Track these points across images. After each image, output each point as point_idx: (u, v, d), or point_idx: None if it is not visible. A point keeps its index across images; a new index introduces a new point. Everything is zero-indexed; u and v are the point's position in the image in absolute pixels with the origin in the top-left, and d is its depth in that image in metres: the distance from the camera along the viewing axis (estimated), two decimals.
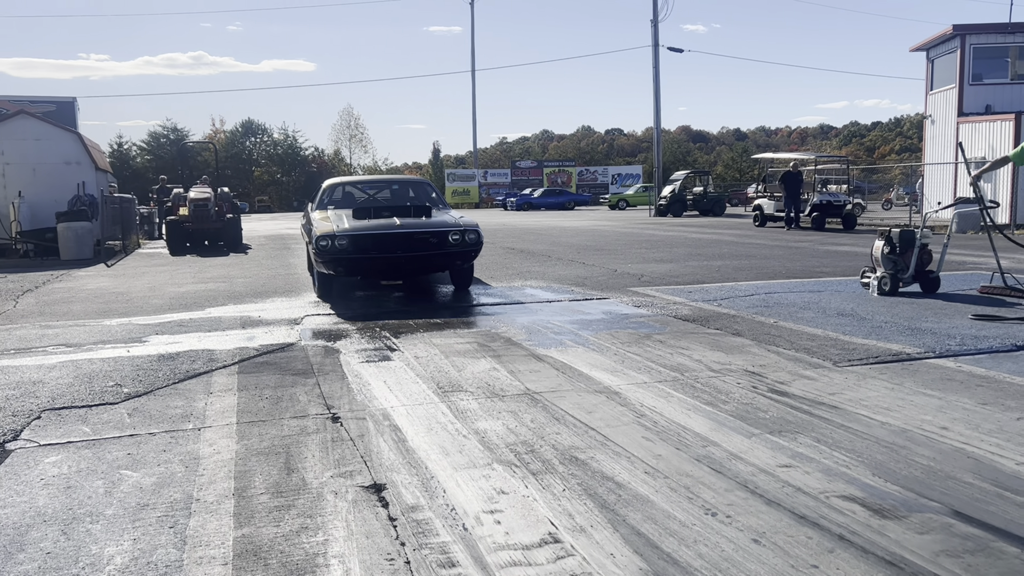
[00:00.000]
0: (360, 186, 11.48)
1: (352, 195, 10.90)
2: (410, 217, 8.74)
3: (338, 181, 11.30)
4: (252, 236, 21.66)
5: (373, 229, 8.35)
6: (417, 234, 8.45)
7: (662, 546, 2.76)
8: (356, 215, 8.73)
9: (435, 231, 8.55)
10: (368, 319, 7.60)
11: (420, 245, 8.46)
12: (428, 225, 8.67)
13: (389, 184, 11.88)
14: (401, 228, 8.40)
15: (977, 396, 4.50)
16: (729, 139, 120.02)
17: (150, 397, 4.87)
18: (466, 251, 8.72)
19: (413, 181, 12.23)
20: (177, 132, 68.16)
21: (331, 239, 8.13)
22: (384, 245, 8.31)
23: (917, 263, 8.55)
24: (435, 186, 11.72)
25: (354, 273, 8.69)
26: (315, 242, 8.18)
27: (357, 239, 8.21)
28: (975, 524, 2.87)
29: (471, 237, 8.65)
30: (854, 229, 20.85)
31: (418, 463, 3.64)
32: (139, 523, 3.03)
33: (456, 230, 8.58)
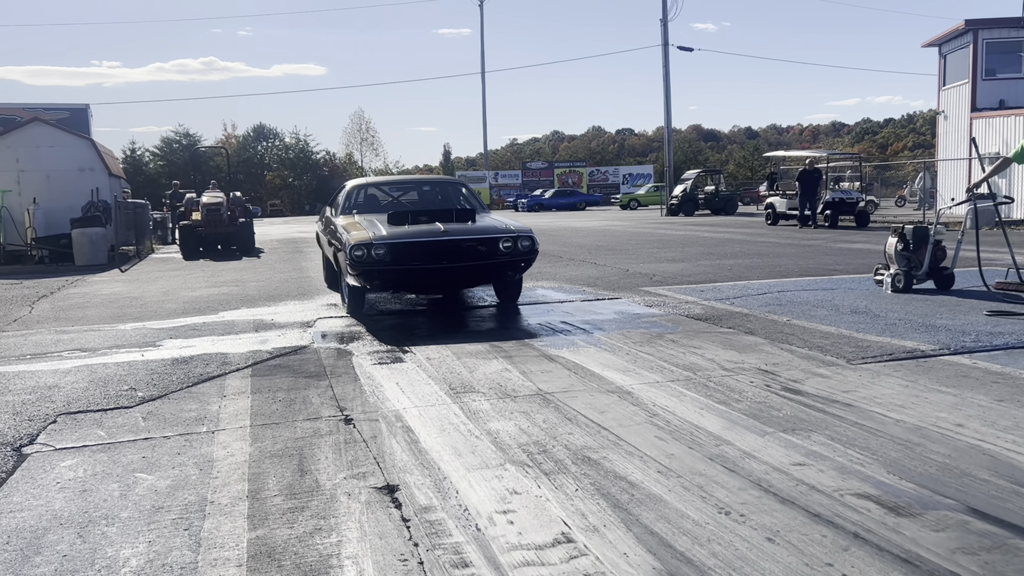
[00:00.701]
0: (388, 188, 10.34)
1: (379, 198, 9.79)
2: (453, 222, 7.67)
3: (363, 182, 10.10)
4: (264, 240, 21.75)
5: (415, 237, 7.35)
6: (464, 242, 7.44)
7: (676, 545, 2.75)
8: (392, 221, 7.66)
9: (484, 238, 7.53)
10: (379, 320, 7.62)
11: (467, 254, 7.46)
12: (476, 231, 7.61)
13: (419, 185, 10.84)
14: (446, 235, 7.37)
15: (993, 393, 4.46)
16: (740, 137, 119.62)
17: (164, 401, 4.90)
18: (518, 260, 7.65)
19: (446, 181, 11.04)
20: (189, 137, 68.55)
21: (367, 248, 7.11)
22: (428, 255, 7.33)
23: (931, 260, 8.49)
24: (470, 187, 10.37)
25: (391, 287, 7.79)
26: (349, 252, 7.14)
27: (397, 248, 7.21)
28: (991, 521, 2.85)
29: (524, 244, 7.59)
30: (867, 226, 20.74)
31: (431, 464, 3.65)
32: (154, 525, 3.05)
33: (507, 236, 7.55)
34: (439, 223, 7.58)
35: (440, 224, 7.55)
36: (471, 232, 7.59)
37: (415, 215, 7.77)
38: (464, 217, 7.89)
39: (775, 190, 24.03)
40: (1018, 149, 7.97)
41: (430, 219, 7.69)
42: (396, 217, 7.77)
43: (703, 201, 33.27)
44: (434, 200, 9.83)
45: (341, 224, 8.14)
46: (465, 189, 10.06)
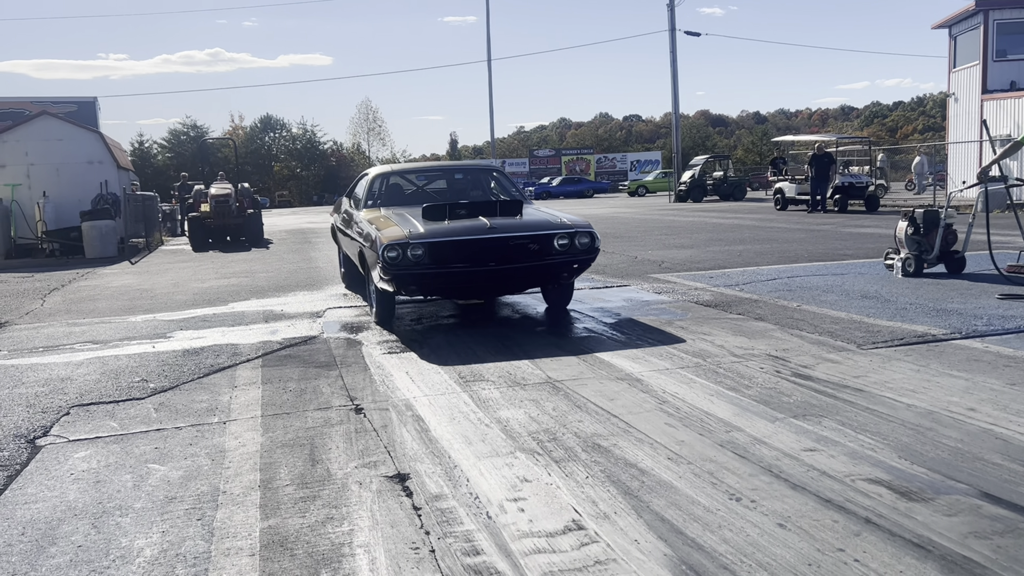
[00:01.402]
0: (415, 176, 9.12)
1: (405, 188, 8.62)
2: (499, 216, 6.69)
3: (387, 170, 8.73)
4: (273, 231, 21.80)
5: (458, 234, 6.31)
6: (514, 240, 6.37)
7: (686, 532, 2.76)
8: (428, 215, 6.58)
9: (536, 235, 6.47)
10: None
11: (517, 254, 6.39)
12: (526, 227, 6.59)
13: (450, 172, 9.52)
14: (493, 232, 6.31)
15: (1005, 376, 4.44)
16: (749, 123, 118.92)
17: (176, 392, 4.93)
18: (576, 261, 6.60)
19: (480, 168, 9.64)
20: (197, 129, 68.68)
21: (402, 248, 6.09)
22: (473, 255, 6.29)
23: (942, 243, 8.44)
24: (507, 173, 9.19)
25: (429, 292, 6.71)
26: (381, 253, 6.11)
27: (438, 248, 6.21)
28: (1004, 505, 2.84)
29: (583, 242, 6.56)
30: (877, 210, 20.62)
31: (441, 452, 3.66)
32: (167, 516, 3.07)
33: (563, 232, 6.51)
34: (483, 217, 6.56)
35: (484, 219, 6.53)
36: (521, 228, 6.56)
37: (454, 208, 6.67)
38: (511, 210, 6.92)
39: (783, 175, 23.89)
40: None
41: (471, 213, 6.67)
42: (432, 211, 6.63)
43: (711, 187, 33.13)
44: (468, 190, 8.67)
45: (366, 219, 7.18)
46: (501, 176, 8.94)
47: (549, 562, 2.60)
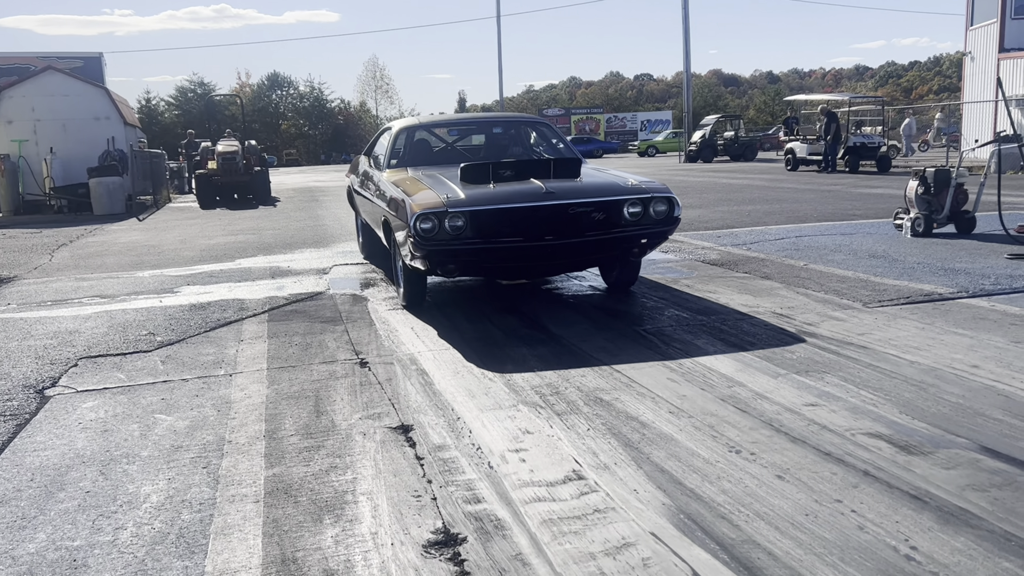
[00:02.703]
0: (446, 130, 7.75)
1: (436, 144, 7.37)
2: (553, 178, 5.45)
3: (413, 123, 7.34)
4: (280, 189, 21.76)
5: (508, 200, 5.13)
6: (575, 207, 5.15)
7: (685, 482, 2.78)
8: (468, 177, 5.41)
9: (603, 201, 5.24)
10: (384, 255, 7.63)
11: (579, 225, 5.18)
12: (591, 191, 5.36)
13: (488, 125, 7.94)
14: (551, 198, 5.12)
15: (1010, 335, 4.43)
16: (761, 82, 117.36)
17: (182, 345, 4.96)
18: (649, 233, 5.36)
19: (524, 120, 8.00)
20: (204, 86, 68.26)
21: (439, 218, 4.94)
22: (527, 226, 5.09)
23: (952, 203, 8.36)
24: (555, 127, 7.70)
25: (470, 271, 5.56)
26: (413, 224, 4.93)
27: (483, 217, 5.02)
28: (1003, 459, 2.85)
29: (659, 209, 5.34)
30: (888, 171, 20.43)
31: (444, 405, 3.69)
32: (173, 464, 3.12)
33: (635, 198, 5.29)
34: (535, 179, 5.37)
35: (538, 181, 5.33)
36: (584, 192, 5.32)
37: (498, 168, 5.50)
38: (567, 170, 5.67)
39: (794, 135, 23.65)
40: None
41: (520, 174, 5.49)
42: (472, 171, 5.46)
43: (722, 147, 32.83)
44: (509, 146, 7.33)
45: (391, 181, 5.97)
46: (549, 130, 7.52)
47: (549, 510, 2.63)
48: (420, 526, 2.55)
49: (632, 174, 5.83)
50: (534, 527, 2.52)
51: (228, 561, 2.37)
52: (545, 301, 5.89)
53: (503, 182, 5.36)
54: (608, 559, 2.31)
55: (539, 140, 7.43)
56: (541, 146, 7.33)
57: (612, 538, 2.43)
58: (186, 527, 2.60)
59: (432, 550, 2.40)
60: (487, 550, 2.39)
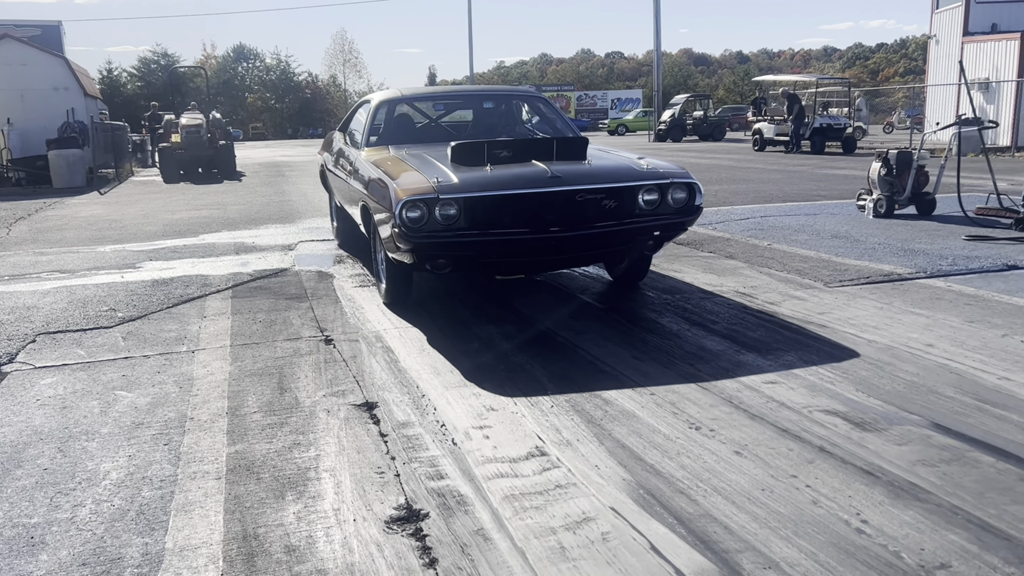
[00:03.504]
0: (432, 104, 7.05)
1: (420, 121, 6.63)
2: (556, 160, 4.75)
3: (395, 96, 6.49)
4: (246, 163, 21.46)
5: (508, 185, 4.44)
6: (585, 194, 4.48)
7: (646, 458, 2.82)
8: (459, 158, 4.76)
9: (615, 187, 4.57)
10: (362, 244, 7.59)
11: (588, 213, 4.51)
12: (601, 175, 4.66)
13: (478, 100, 7.05)
14: (558, 183, 4.44)
15: (965, 314, 4.53)
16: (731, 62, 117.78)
17: (144, 321, 4.90)
18: (669, 224, 4.74)
19: (519, 95, 7.28)
20: (167, 58, 66.88)
21: (428, 206, 4.26)
22: (530, 215, 4.42)
23: (913, 185, 8.50)
24: (552, 104, 6.95)
25: (466, 266, 4.69)
26: (398, 213, 4.23)
27: (479, 205, 4.35)
28: (953, 435, 2.93)
29: (678, 197, 4.71)
30: (854, 152, 20.68)
31: (410, 382, 3.69)
32: (134, 441, 3.09)
33: (651, 184, 4.63)
34: (537, 161, 4.69)
35: (541, 163, 4.64)
36: (593, 177, 4.62)
37: (495, 148, 4.80)
38: (573, 151, 4.96)
39: (762, 115, 23.83)
40: None
41: (520, 155, 4.83)
42: (465, 151, 4.79)
43: (691, 127, 32.97)
44: (502, 124, 6.61)
45: (371, 162, 5.23)
46: (547, 106, 6.79)
47: (511, 486, 2.65)
48: (383, 502, 2.57)
49: (640, 156, 5.09)
50: (496, 503, 2.55)
51: (189, 537, 2.37)
52: (514, 281, 5.90)
53: (501, 164, 4.67)
54: (568, 533, 2.35)
55: (535, 117, 6.81)
56: (537, 123, 6.70)
57: (573, 513, 2.46)
58: (146, 504, 2.58)
59: (394, 526, 2.42)
60: (449, 525, 2.41)
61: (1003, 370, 3.59)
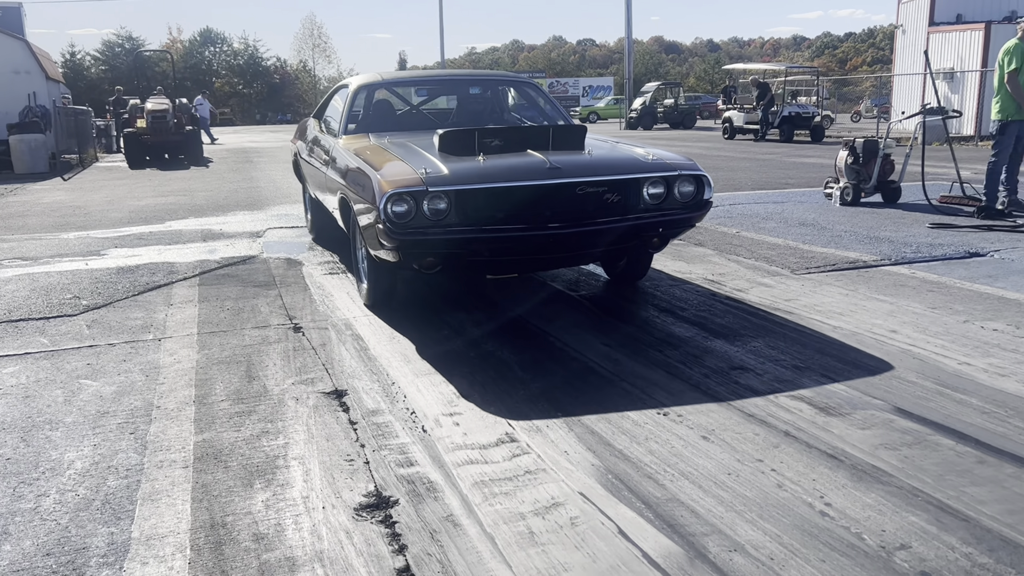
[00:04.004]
0: (414, 89, 6.69)
1: (402, 107, 6.34)
2: (553, 150, 4.43)
3: (375, 80, 5.98)
4: (213, 149, 21.18)
5: (503, 177, 4.07)
6: (587, 187, 4.14)
7: (614, 443, 2.85)
8: (448, 147, 4.42)
9: (619, 179, 4.24)
10: (339, 238, 7.54)
11: (590, 207, 4.16)
12: (603, 166, 4.34)
13: (464, 85, 6.61)
14: (557, 175, 4.09)
15: (927, 301, 4.62)
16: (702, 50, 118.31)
17: (109, 309, 4.83)
18: (674, 219, 4.37)
19: (507, 80, 6.77)
20: (132, 41, 65.62)
21: (416, 199, 3.88)
22: (528, 209, 4.07)
23: (879, 173, 8.61)
24: (544, 91, 6.44)
25: (456, 265, 4.28)
26: (383, 206, 3.85)
27: (474, 198, 4.00)
28: (915, 419, 2.99)
29: (685, 191, 4.37)
30: (822, 141, 20.90)
31: (379, 370, 3.68)
32: (99, 430, 3.06)
33: (656, 176, 4.30)
34: (533, 151, 4.37)
35: (537, 153, 4.32)
36: (595, 168, 4.30)
37: (486, 136, 4.47)
38: (570, 140, 4.64)
39: (732, 103, 24.00)
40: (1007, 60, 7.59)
41: (513, 144, 4.50)
42: (453, 140, 4.46)
43: (662, 115, 33.09)
44: (488, 112, 6.24)
45: (351, 151, 4.82)
46: (538, 93, 6.32)
47: (481, 472, 2.66)
48: (352, 490, 2.56)
49: (643, 147, 4.69)
50: (466, 489, 2.55)
51: (156, 526, 2.35)
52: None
53: (494, 154, 4.32)
54: (537, 519, 2.36)
55: (524, 104, 6.39)
56: (527, 111, 6.34)
57: (542, 498, 2.48)
58: (112, 493, 2.56)
59: (364, 513, 2.42)
60: (419, 512, 2.42)
61: (963, 355, 3.67)
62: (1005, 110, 7.53)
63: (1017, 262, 5.55)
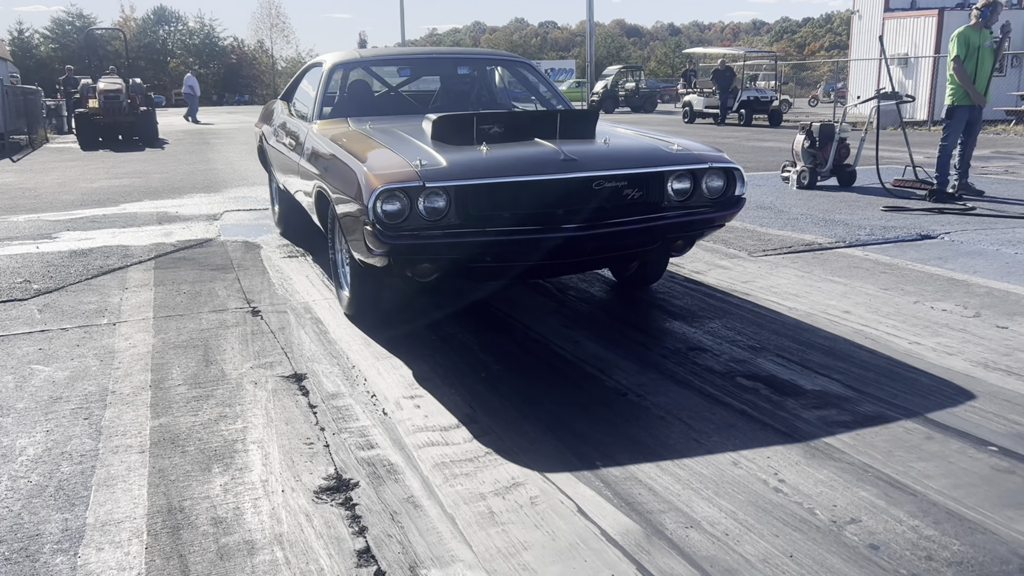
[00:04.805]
0: (398, 68, 6.02)
1: (380, 89, 5.75)
2: (561, 138, 3.83)
3: (353, 58, 5.42)
4: (169, 131, 20.75)
5: (513, 170, 3.52)
6: (604, 180, 3.57)
7: (574, 425, 2.87)
8: (442, 134, 3.88)
9: (641, 173, 3.67)
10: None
11: (609, 205, 3.61)
12: (623, 158, 3.75)
13: (451, 64, 5.84)
14: (573, 168, 3.53)
15: (880, 282, 4.72)
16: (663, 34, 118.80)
17: (62, 293, 4.73)
18: (702, 219, 3.83)
19: (499, 59, 6.13)
20: (83, 19, 63.90)
21: (412, 196, 3.34)
22: (539, 206, 3.51)
23: (835, 157, 8.75)
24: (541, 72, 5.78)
25: (455, 271, 3.64)
26: (371, 205, 3.28)
27: (478, 195, 3.43)
28: (866, 398, 3.06)
29: (714, 185, 3.85)
30: (780, 125, 21.15)
31: (339, 353, 3.66)
32: (52, 416, 3.00)
33: (684, 169, 3.76)
34: (541, 139, 3.79)
35: (546, 142, 3.73)
36: (615, 160, 3.70)
37: (484, 121, 3.90)
38: (580, 127, 4.09)
39: (692, 88, 24.16)
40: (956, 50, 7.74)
41: (518, 131, 3.92)
42: (449, 125, 3.91)
43: (623, 98, 33.17)
44: (475, 92, 5.64)
45: (329, 137, 4.24)
46: (534, 74, 5.69)
47: (442, 454, 2.67)
48: (312, 473, 2.56)
49: (663, 136, 4.18)
50: (427, 470, 2.56)
51: (111, 512, 2.32)
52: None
53: (496, 143, 3.76)
54: (498, 499, 2.38)
55: (516, 87, 5.69)
56: (519, 95, 5.84)
57: (502, 479, 2.50)
58: (66, 479, 2.52)
59: (323, 496, 2.41)
60: (379, 494, 2.42)
61: (913, 335, 3.76)
62: (954, 95, 7.72)
63: (966, 244, 5.70)
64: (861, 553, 2.09)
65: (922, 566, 2.03)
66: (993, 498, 2.34)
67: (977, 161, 10.09)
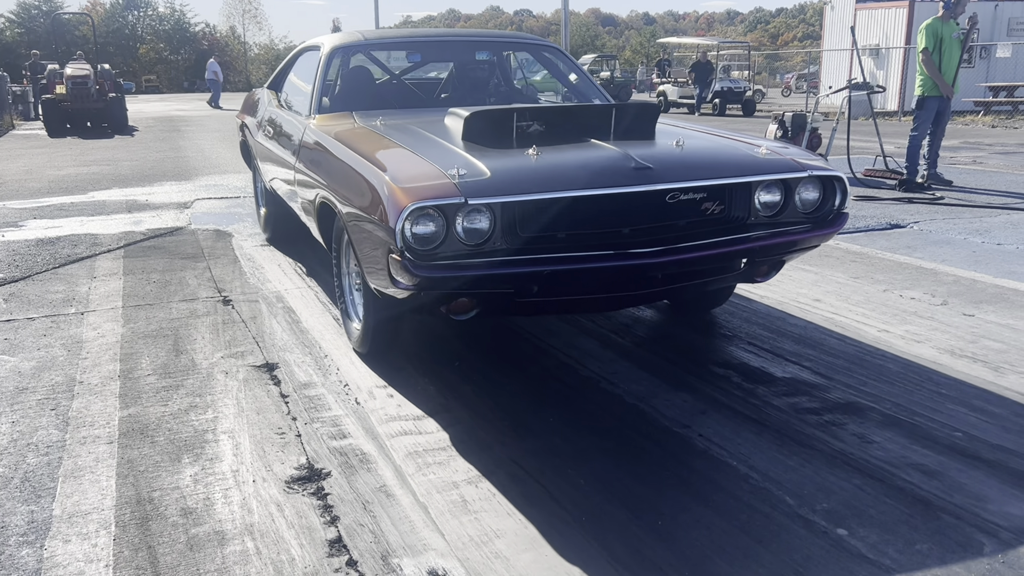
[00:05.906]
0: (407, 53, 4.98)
1: (385, 78, 4.90)
2: (616, 140, 3.13)
3: (355, 40, 4.54)
4: (139, 118, 20.43)
5: (575, 181, 2.74)
6: (680, 192, 2.81)
7: (548, 415, 2.88)
8: (474, 134, 3.14)
9: (726, 184, 2.92)
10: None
11: (684, 222, 2.87)
12: (706, 165, 3.02)
13: (467, 48, 5.00)
14: (649, 178, 2.77)
15: (850, 271, 4.77)
16: (638, 23, 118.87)
17: (28, 282, 4.65)
18: (796, 239, 3.07)
19: (524, 42, 5.19)
20: (50, 3, 62.63)
21: (448, 215, 2.58)
22: (606, 227, 2.78)
23: (807, 146, 8.81)
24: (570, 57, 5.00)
25: (500, 309, 3.04)
26: (400, 228, 2.51)
27: (530, 213, 2.67)
28: (838, 384, 3.10)
29: (808, 198, 3.09)
30: (753, 115, 21.28)
31: (312, 343, 3.64)
32: (17, 406, 2.95)
33: (774, 179, 3.00)
34: (597, 140, 3.09)
35: (607, 144, 3.03)
36: (696, 167, 2.97)
37: (525, 117, 3.17)
38: (639, 125, 3.36)
39: (667, 77, 24.24)
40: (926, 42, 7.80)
41: (567, 131, 3.22)
42: (483, 123, 3.19)
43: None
44: (492, 81, 4.95)
45: (334, 136, 3.55)
46: (563, 60, 4.91)
47: (415, 443, 2.67)
48: (283, 463, 2.54)
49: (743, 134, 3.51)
50: (399, 460, 2.56)
51: (78, 503, 2.29)
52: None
53: (543, 145, 2.97)
54: (470, 487, 2.38)
55: (555, 71, 4.93)
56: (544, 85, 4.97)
57: (475, 467, 2.50)
58: (32, 471, 2.48)
59: (295, 486, 2.40)
60: (351, 483, 2.41)
61: (883, 323, 3.81)
62: (924, 86, 7.81)
63: (935, 233, 5.77)
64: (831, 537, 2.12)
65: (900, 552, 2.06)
66: (960, 484, 2.38)
67: (946, 151, 10.20)
